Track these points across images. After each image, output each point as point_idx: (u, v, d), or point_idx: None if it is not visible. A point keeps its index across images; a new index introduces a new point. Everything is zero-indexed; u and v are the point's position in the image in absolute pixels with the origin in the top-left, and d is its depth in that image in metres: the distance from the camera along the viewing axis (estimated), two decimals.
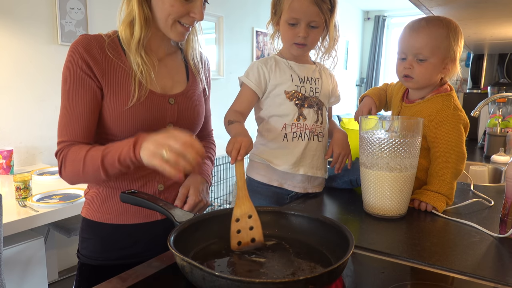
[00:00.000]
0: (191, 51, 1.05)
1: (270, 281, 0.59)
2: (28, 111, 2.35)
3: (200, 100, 1.07)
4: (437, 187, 1.07)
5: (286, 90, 1.12)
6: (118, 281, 0.70)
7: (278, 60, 1.15)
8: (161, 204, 0.83)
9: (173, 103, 0.98)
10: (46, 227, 2.05)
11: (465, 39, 2.04)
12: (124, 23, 0.92)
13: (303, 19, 1.05)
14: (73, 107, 0.89)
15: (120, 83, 0.92)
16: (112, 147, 0.87)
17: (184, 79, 1.04)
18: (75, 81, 0.89)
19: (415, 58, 1.07)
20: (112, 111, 0.92)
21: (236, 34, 4.02)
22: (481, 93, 2.73)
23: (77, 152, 0.88)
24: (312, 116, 1.14)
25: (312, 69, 1.18)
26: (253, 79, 1.13)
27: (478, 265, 0.77)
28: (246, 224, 0.81)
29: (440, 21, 1.06)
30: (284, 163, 1.13)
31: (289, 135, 1.13)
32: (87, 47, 0.89)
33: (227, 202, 3.66)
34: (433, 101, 1.11)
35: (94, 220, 0.99)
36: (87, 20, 2.57)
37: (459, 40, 1.06)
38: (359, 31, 6.73)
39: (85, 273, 1.01)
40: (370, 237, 0.90)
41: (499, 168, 1.77)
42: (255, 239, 0.80)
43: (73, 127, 0.89)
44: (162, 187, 1.00)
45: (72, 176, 0.91)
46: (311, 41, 1.10)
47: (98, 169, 0.86)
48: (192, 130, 1.05)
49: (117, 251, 0.99)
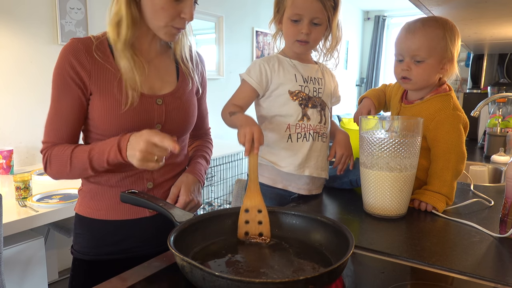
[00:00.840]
0: (180, 50, 1.04)
1: (270, 281, 0.59)
2: (28, 111, 2.35)
3: (190, 99, 1.05)
4: (437, 187, 1.07)
5: (290, 89, 1.11)
6: (118, 281, 0.70)
7: (281, 59, 1.14)
8: (161, 204, 0.83)
9: (160, 104, 0.97)
10: (46, 227, 2.05)
11: (465, 39, 2.04)
12: (111, 24, 0.91)
13: (306, 15, 1.04)
14: (58, 110, 0.93)
15: (108, 86, 0.92)
16: (97, 149, 0.90)
17: (174, 79, 1.04)
18: (61, 86, 0.91)
19: (412, 59, 1.07)
20: (100, 112, 0.92)
21: (236, 34, 4.02)
22: (481, 93, 2.73)
23: (61, 151, 0.92)
24: (316, 117, 1.14)
25: (315, 69, 1.17)
26: (254, 77, 1.11)
27: (478, 265, 0.77)
28: (255, 217, 0.83)
29: (436, 21, 1.05)
30: (289, 164, 1.12)
31: (293, 135, 1.12)
32: (74, 53, 0.90)
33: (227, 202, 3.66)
34: (432, 101, 1.10)
35: (85, 216, 1.00)
36: (87, 20, 2.57)
37: (456, 40, 1.06)
38: (359, 31, 6.73)
39: (78, 268, 1.02)
40: (370, 237, 0.90)
41: (499, 168, 1.78)
42: (262, 234, 0.82)
43: (58, 130, 0.93)
44: (151, 184, 1.01)
45: (57, 173, 0.96)
46: (314, 39, 1.09)
47: (87, 169, 0.91)
48: (182, 130, 1.04)
49: (108, 246, 1.00)
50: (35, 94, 2.36)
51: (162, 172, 1.02)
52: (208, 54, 3.83)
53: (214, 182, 3.57)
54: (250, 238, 0.82)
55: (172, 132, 1.00)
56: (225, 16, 3.81)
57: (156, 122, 0.97)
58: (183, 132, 1.05)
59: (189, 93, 1.05)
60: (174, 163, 1.05)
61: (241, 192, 2.33)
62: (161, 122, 0.98)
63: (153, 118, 0.97)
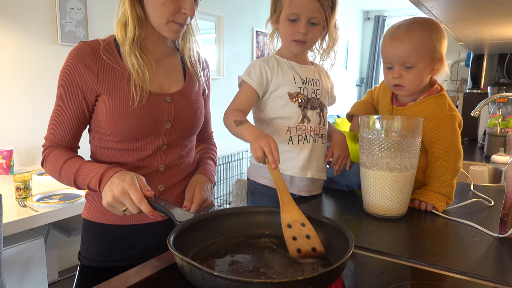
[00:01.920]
0: (188, 50, 1.04)
1: (269, 281, 0.59)
2: (29, 111, 2.35)
3: (198, 99, 1.06)
4: (438, 188, 1.07)
5: (290, 91, 1.10)
6: (118, 281, 0.70)
7: (279, 60, 1.13)
8: (162, 203, 0.83)
9: (169, 102, 0.98)
10: (46, 227, 2.05)
11: (465, 39, 2.04)
12: (119, 24, 0.93)
13: (304, 14, 1.03)
14: (61, 113, 0.94)
15: (116, 85, 0.93)
16: (83, 171, 0.90)
17: (181, 79, 1.04)
18: (65, 91, 0.93)
19: (402, 66, 1.05)
20: (110, 113, 0.93)
21: (236, 34, 4.02)
22: (481, 93, 2.73)
23: (55, 159, 0.93)
24: (316, 118, 1.13)
25: (312, 70, 1.16)
26: (255, 78, 1.09)
27: (478, 265, 0.76)
28: (301, 232, 0.77)
29: (419, 23, 1.04)
30: (292, 167, 1.11)
31: (294, 138, 1.11)
32: (81, 56, 0.91)
33: (227, 202, 3.66)
34: (427, 103, 1.10)
35: (95, 221, 0.99)
36: (87, 20, 2.57)
37: (442, 39, 1.05)
38: (359, 31, 6.73)
39: (86, 275, 1.01)
40: (370, 237, 0.90)
41: (499, 168, 1.77)
42: (316, 249, 0.75)
43: (59, 131, 0.95)
44: (162, 187, 1.01)
45: (51, 174, 0.97)
46: (311, 39, 1.08)
47: (72, 184, 0.93)
48: (190, 130, 1.05)
49: (118, 252, 0.99)
50: (35, 94, 2.36)
51: (173, 174, 1.02)
52: (208, 54, 3.83)
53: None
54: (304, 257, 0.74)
55: (181, 131, 1.01)
56: (225, 16, 3.81)
57: (166, 120, 0.97)
58: (191, 132, 1.06)
59: (196, 94, 1.06)
60: (184, 165, 1.05)
61: (241, 192, 2.33)
62: (170, 120, 0.98)
63: (163, 116, 0.97)
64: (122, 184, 0.83)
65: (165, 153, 1.00)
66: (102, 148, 0.98)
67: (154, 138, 0.97)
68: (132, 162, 0.97)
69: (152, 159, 0.99)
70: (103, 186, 0.86)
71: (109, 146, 0.96)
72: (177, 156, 1.02)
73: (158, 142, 0.98)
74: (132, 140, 0.95)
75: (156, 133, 0.97)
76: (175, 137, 1.01)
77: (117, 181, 0.84)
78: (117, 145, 0.96)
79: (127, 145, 0.96)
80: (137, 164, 0.97)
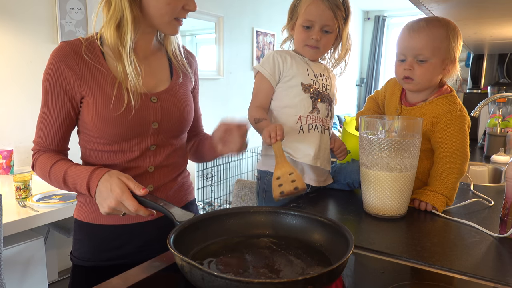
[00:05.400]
0: (171, 45, 1.03)
1: (269, 281, 0.59)
2: (29, 111, 2.35)
3: (186, 97, 1.04)
4: (440, 189, 1.06)
5: (303, 82, 1.15)
6: (118, 281, 0.70)
7: (293, 55, 1.19)
8: (161, 203, 0.83)
9: (155, 102, 0.96)
10: (46, 227, 2.05)
11: (465, 39, 2.04)
12: (110, 26, 0.90)
13: (318, 22, 1.10)
14: (47, 116, 0.94)
15: (100, 87, 0.91)
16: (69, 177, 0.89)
17: (168, 77, 1.02)
18: (49, 94, 0.92)
19: (416, 59, 1.06)
20: (94, 115, 0.91)
21: (236, 34, 4.02)
22: (481, 93, 2.73)
23: (44, 163, 0.93)
24: (324, 111, 1.18)
25: (322, 68, 1.22)
26: (268, 68, 1.15)
27: (478, 265, 0.77)
28: (288, 179, 0.92)
29: (439, 21, 1.05)
30: (305, 155, 1.15)
31: (305, 127, 1.15)
32: (63, 57, 0.89)
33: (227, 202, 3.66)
34: (437, 103, 1.09)
35: (85, 221, 0.99)
36: (87, 20, 2.57)
37: (458, 40, 1.06)
38: (359, 31, 6.73)
39: (78, 275, 1.01)
40: (370, 237, 0.90)
41: (499, 168, 1.77)
42: (298, 188, 0.90)
43: (46, 134, 0.94)
44: (152, 187, 1.00)
45: (43, 179, 0.96)
46: (323, 45, 1.15)
47: (63, 188, 0.92)
48: (179, 128, 1.03)
49: (108, 251, 0.99)
50: (35, 94, 2.36)
51: (163, 174, 1.01)
52: (208, 54, 3.83)
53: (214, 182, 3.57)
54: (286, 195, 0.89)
55: (169, 131, 1.00)
56: (225, 16, 3.81)
57: (153, 121, 0.96)
58: (180, 131, 1.04)
59: (184, 90, 1.04)
60: (174, 164, 1.04)
61: (241, 192, 2.33)
62: (157, 120, 0.96)
63: (149, 116, 0.95)
64: (113, 195, 0.81)
65: (154, 153, 0.99)
66: (91, 150, 0.97)
67: (142, 139, 0.96)
68: (121, 163, 0.96)
69: (141, 160, 0.97)
70: (93, 194, 0.85)
71: (97, 148, 0.95)
72: (167, 155, 1.01)
73: (146, 143, 0.96)
74: (119, 142, 0.94)
75: (143, 134, 0.95)
76: (163, 137, 0.99)
77: (106, 192, 0.83)
78: (104, 147, 0.95)
79: (114, 147, 0.94)
80: (126, 166, 0.96)
